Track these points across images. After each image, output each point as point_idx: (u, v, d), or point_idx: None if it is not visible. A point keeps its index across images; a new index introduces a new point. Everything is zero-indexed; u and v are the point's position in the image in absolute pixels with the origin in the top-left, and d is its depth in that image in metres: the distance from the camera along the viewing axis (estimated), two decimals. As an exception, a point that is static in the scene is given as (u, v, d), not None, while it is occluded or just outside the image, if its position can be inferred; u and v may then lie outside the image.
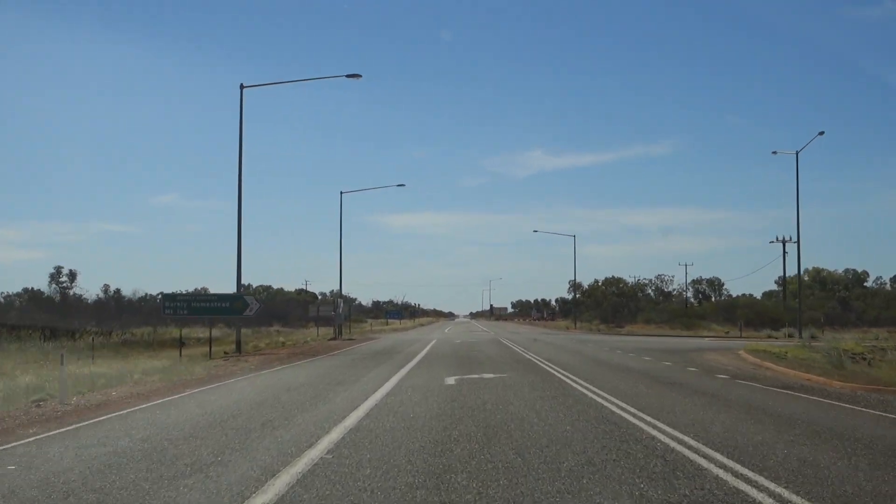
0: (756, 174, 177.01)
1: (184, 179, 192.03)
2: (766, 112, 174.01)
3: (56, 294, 77.67)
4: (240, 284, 34.24)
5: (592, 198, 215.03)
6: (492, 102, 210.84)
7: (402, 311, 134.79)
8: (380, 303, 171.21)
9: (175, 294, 32.86)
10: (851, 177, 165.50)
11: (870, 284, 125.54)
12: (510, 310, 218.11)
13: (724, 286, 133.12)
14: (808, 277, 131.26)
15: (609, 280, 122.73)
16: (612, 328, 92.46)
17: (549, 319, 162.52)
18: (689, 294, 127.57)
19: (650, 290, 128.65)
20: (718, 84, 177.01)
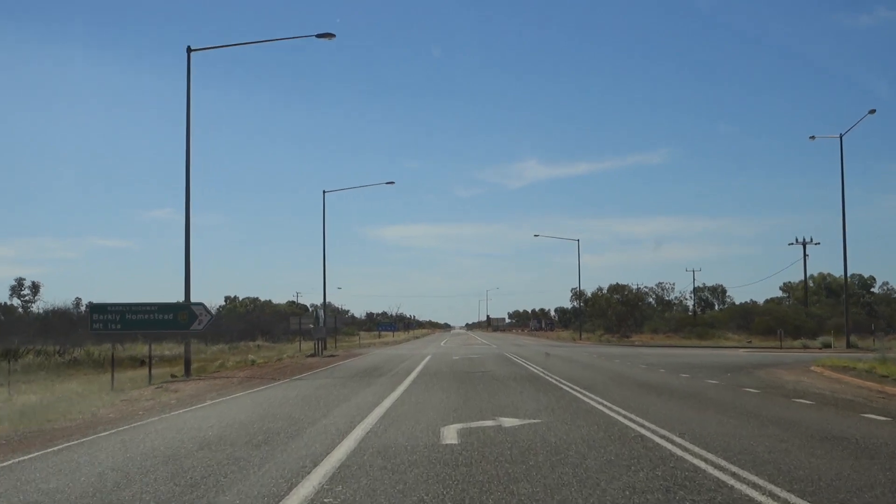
0: (750, 182, 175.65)
1: (178, 194, 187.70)
2: (758, 120, 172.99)
3: (18, 307, 71.14)
4: (189, 292, 27.82)
5: (586, 207, 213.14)
6: (485, 113, 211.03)
7: (396, 323, 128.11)
8: (374, 315, 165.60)
9: (105, 305, 26.38)
10: (848, 183, 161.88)
11: (876, 290, 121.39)
12: (507, 321, 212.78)
13: (727, 293, 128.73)
14: (814, 283, 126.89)
15: (613, 287, 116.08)
16: (620, 339, 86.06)
17: (549, 330, 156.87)
18: (692, 302, 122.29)
19: (651, 299, 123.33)
20: (711, 93, 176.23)
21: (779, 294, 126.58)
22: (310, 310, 43.42)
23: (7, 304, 72.25)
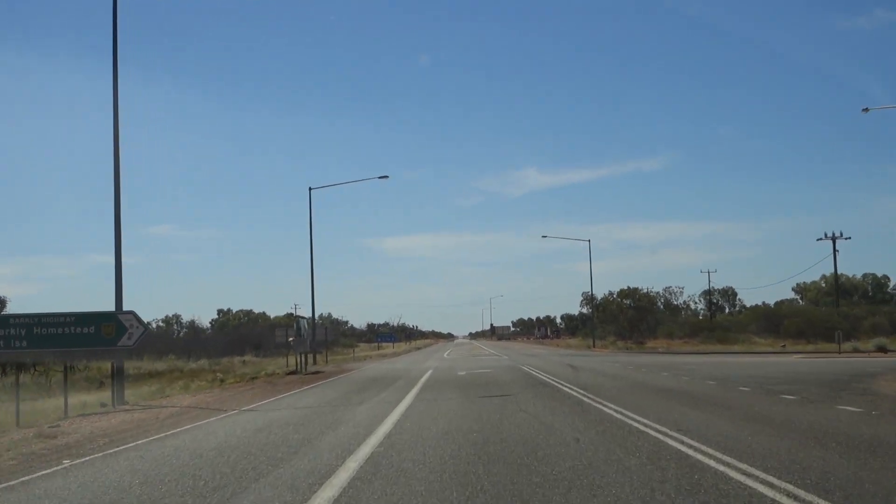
0: (749, 185, 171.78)
1: (178, 210, 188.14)
2: (757, 123, 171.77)
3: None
4: (120, 302, 21.85)
5: (587, 214, 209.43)
6: (483, 122, 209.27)
7: (396, 334, 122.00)
8: (375, 325, 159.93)
9: (7, 317, 20.38)
10: (847, 185, 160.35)
11: (891, 289, 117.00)
12: (511, 329, 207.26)
13: (738, 296, 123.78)
14: (826, 284, 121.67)
15: (624, 291, 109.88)
16: (638, 345, 79.89)
17: (555, 337, 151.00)
18: (702, 305, 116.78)
19: (659, 303, 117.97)
20: (709, 97, 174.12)
21: (791, 296, 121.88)
22: (299, 323, 37.23)
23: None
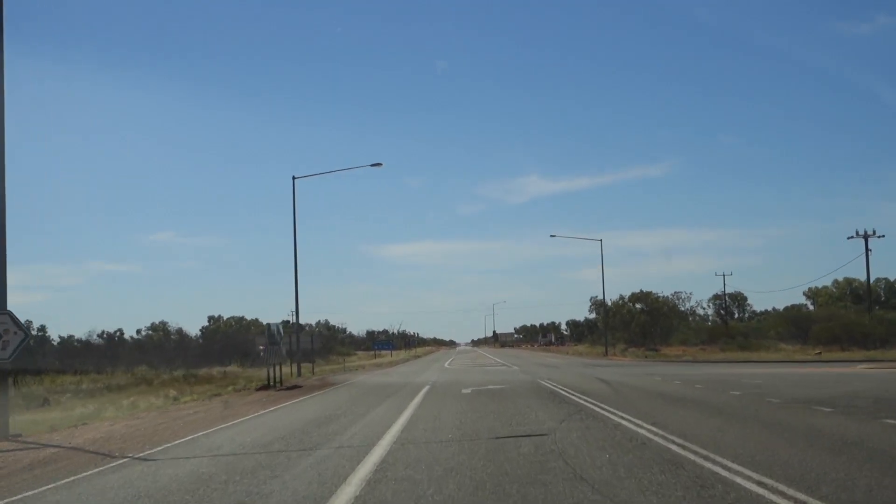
0: (754, 192, 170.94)
1: (179, 217, 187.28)
2: (760, 130, 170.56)
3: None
4: (4, 299, 16.13)
5: (589, 221, 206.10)
6: (485, 129, 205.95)
7: (394, 341, 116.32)
8: (374, 333, 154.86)
9: None
10: (853, 191, 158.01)
11: None
12: (515, 335, 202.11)
13: (748, 301, 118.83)
14: (838, 289, 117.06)
15: (635, 296, 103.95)
16: (654, 352, 74.09)
17: (560, 344, 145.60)
18: (711, 310, 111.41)
19: (665, 309, 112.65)
20: (711, 104, 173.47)
21: (801, 301, 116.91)
22: (271, 328, 31.35)
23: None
